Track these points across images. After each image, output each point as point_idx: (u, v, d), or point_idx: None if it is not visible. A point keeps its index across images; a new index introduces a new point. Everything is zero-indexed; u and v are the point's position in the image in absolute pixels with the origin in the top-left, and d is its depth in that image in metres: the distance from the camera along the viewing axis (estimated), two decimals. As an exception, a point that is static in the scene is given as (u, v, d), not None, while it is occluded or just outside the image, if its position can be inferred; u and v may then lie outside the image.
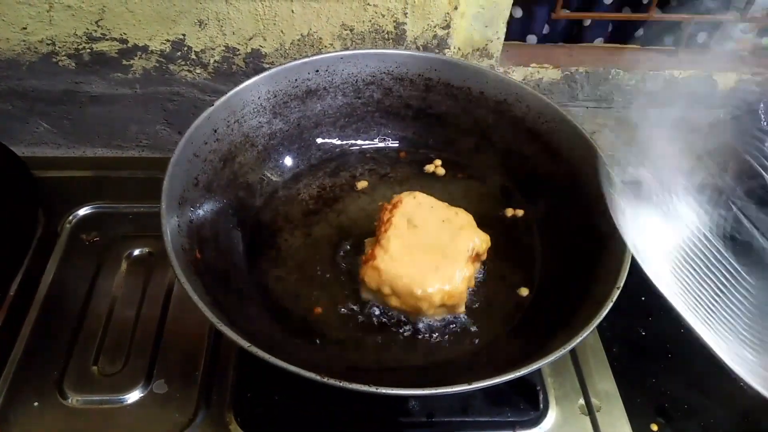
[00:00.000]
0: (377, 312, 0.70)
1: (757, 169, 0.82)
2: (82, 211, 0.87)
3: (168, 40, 0.88)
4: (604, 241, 0.66)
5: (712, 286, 0.62)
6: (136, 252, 0.82)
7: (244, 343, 0.53)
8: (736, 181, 0.95)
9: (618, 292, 0.58)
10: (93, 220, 0.86)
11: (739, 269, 0.64)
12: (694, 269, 0.62)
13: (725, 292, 0.62)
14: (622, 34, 1.21)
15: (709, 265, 0.63)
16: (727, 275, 0.63)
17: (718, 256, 0.65)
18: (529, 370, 0.52)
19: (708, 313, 0.60)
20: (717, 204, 0.74)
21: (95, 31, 0.86)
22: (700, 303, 0.60)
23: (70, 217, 0.86)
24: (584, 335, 0.54)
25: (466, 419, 0.68)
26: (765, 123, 1.05)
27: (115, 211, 0.87)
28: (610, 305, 0.57)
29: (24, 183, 0.85)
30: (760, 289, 0.63)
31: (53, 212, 0.86)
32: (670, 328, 0.81)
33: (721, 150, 1.08)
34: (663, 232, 0.65)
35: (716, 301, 0.61)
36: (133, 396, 0.68)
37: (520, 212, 0.81)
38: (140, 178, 0.93)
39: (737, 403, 0.75)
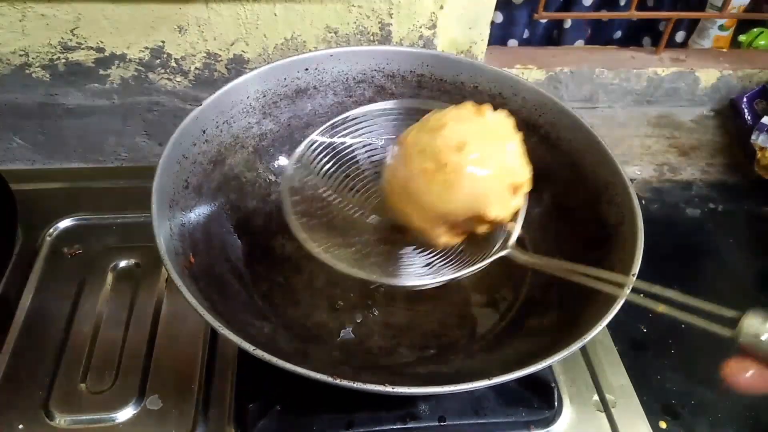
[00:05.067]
0: (381, 314, 0.67)
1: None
2: (63, 224, 0.83)
3: (147, 48, 0.85)
4: (613, 231, 0.65)
5: None
6: (122, 263, 0.78)
7: (249, 347, 0.50)
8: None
9: (634, 279, 0.56)
10: (74, 233, 0.82)
11: None
12: None
13: None
14: (600, 37, 1.22)
15: None
16: None
17: None
18: (554, 359, 0.50)
19: None
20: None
21: (71, 40, 0.83)
22: None
23: (50, 230, 0.82)
24: (607, 320, 0.53)
25: (480, 421, 0.65)
26: (749, 118, 1.07)
27: (97, 222, 0.83)
28: (627, 292, 0.55)
29: (0, 196, 0.80)
30: None
31: (31, 226, 0.82)
32: (671, 325, 0.80)
33: (706, 145, 1.09)
34: None
35: None
36: (125, 414, 0.64)
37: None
38: (122, 188, 0.90)
39: (741, 397, 0.74)
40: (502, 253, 0.61)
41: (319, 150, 0.71)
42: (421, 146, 0.58)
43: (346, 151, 0.73)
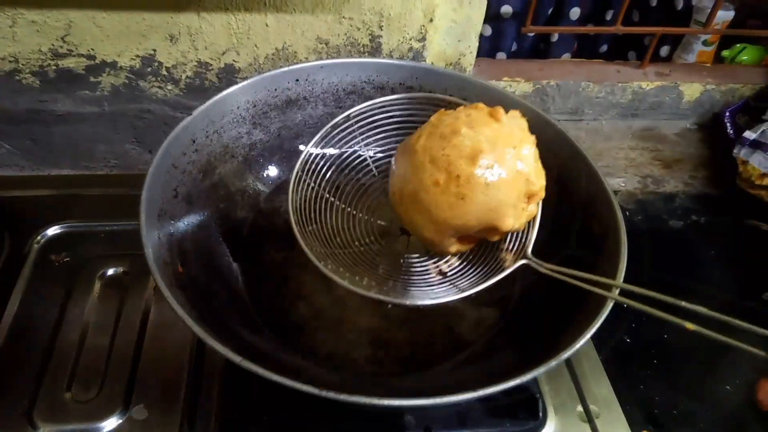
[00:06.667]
0: (369, 324, 0.68)
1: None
2: (51, 231, 0.83)
3: (138, 56, 0.86)
4: (597, 244, 0.65)
5: None
6: (110, 272, 0.78)
7: (236, 358, 0.50)
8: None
9: (618, 291, 0.57)
10: (62, 240, 0.82)
11: None
12: None
13: None
14: (587, 51, 1.24)
15: None
16: None
17: None
18: (540, 371, 0.51)
19: None
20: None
21: (61, 47, 0.83)
22: None
23: (38, 238, 0.82)
24: (591, 332, 0.53)
25: (465, 431, 0.65)
26: (731, 131, 1.08)
27: (85, 230, 0.83)
28: (611, 305, 0.56)
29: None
30: None
31: (19, 233, 0.82)
32: (655, 335, 0.81)
33: (689, 158, 1.11)
34: None
35: None
36: (111, 423, 0.64)
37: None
38: (111, 196, 0.89)
39: (724, 407, 0.76)
40: (521, 263, 0.61)
41: (320, 155, 0.70)
42: (432, 155, 0.56)
43: (349, 154, 0.73)
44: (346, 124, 0.71)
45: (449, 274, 0.66)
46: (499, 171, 0.55)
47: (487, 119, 0.58)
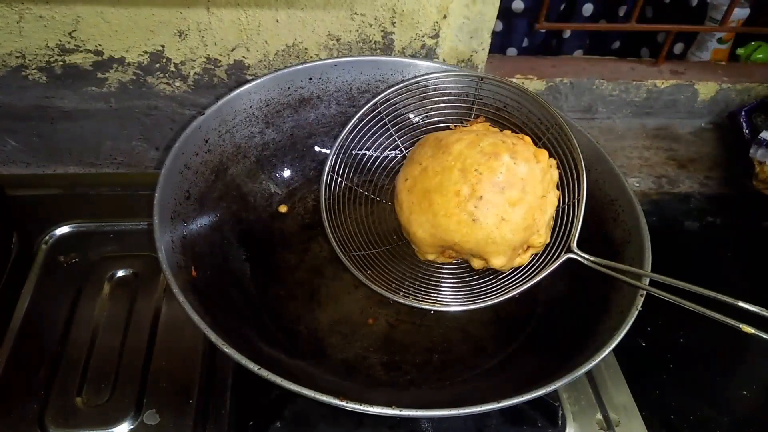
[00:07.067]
0: (384, 329, 0.66)
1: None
2: (59, 231, 0.81)
3: (146, 52, 0.84)
4: (619, 248, 0.64)
5: None
6: (120, 273, 0.77)
7: (254, 366, 0.49)
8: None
9: (642, 299, 0.56)
10: (71, 240, 0.80)
11: None
12: None
13: None
14: (599, 48, 1.22)
15: None
16: None
17: None
18: (564, 381, 0.50)
19: None
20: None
21: (68, 42, 0.81)
22: None
23: (46, 238, 0.80)
24: (617, 340, 0.53)
25: (483, 439, 0.64)
26: (747, 131, 1.07)
27: (94, 229, 0.81)
28: (635, 313, 0.55)
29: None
30: None
31: (27, 233, 0.80)
32: (670, 339, 0.80)
33: (705, 158, 1.10)
34: None
35: None
36: (123, 429, 0.63)
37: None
38: (120, 195, 0.88)
39: (740, 411, 0.75)
40: (567, 257, 0.61)
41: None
42: (465, 165, 0.56)
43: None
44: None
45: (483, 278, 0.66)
46: (519, 213, 0.55)
47: (529, 157, 0.57)
